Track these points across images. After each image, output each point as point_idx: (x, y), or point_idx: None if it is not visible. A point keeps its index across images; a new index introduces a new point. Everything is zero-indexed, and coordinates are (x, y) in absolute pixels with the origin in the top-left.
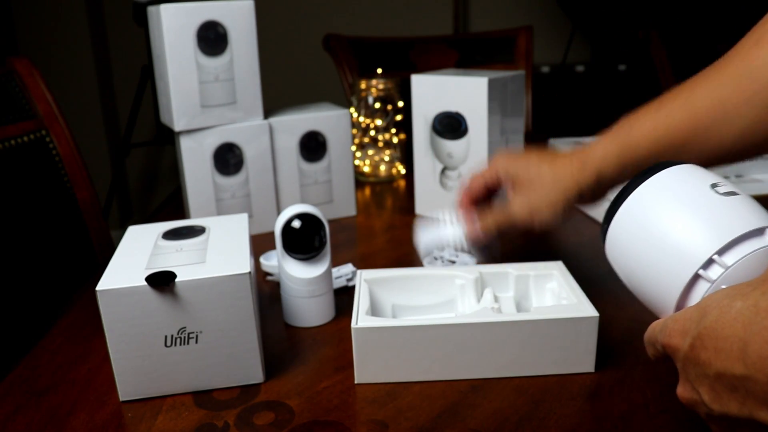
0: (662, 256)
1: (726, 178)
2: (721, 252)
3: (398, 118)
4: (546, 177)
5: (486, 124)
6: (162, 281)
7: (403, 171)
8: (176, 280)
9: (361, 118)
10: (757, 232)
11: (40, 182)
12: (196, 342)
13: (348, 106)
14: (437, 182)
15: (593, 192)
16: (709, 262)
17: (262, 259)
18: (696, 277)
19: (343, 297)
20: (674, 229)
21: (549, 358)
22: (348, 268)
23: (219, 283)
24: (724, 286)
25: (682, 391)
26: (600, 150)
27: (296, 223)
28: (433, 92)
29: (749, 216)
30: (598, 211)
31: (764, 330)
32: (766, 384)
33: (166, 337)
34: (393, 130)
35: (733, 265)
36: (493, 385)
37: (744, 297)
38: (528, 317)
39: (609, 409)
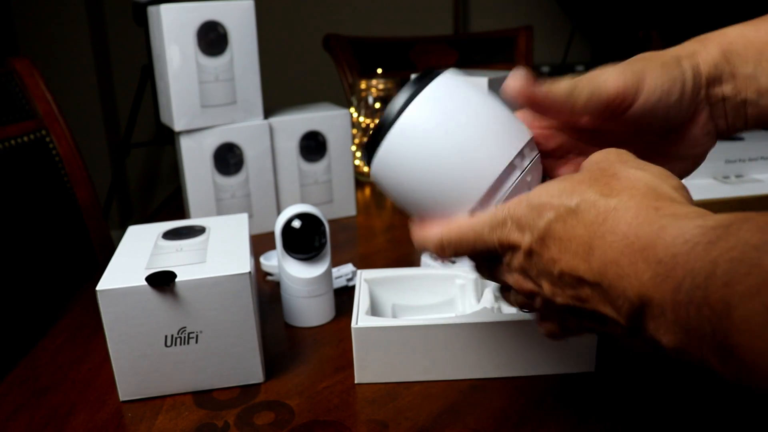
0: (468, 153)
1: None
2: (530, 145)
3: None
4: (651, 53)
5: None
6: (162, 281)
7: None
8: (176, 280)
9: (361, 118)
10: None
11: (40, 182)
12: (196, 342)
13: (348, 106)
14: None
15: (716, 82)
16: (521, 154)
17: (262, 259)
18: (510, 168)
19: (343, 297)
20: (480, 125)
21: (549, 357)
22: (348, 268)
23: (219, 283)
24: (529, 178)
25: (521, 281)
26: (736, 30)
27: (296, 223)
28: None
29: None
30: None
31: (607, 233)
32: (610, 287)
33: (166, 336)
34: None
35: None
36: (494, 384)
37: (581, 196)
38: (528, 317)
39: (609, 408)
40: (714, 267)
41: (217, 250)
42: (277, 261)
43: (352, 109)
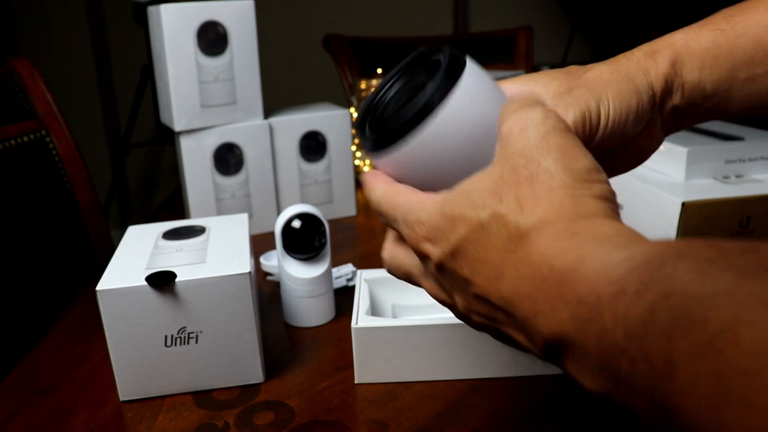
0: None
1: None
2: None
3: None
4: (600, 68)
5: None
6: (162, 281)
7: None
8: (176, 280)
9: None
10: None
11: (40, 182)
12: (196, 342)
13: (348, 106)
14: None
15: (668, 94)
16: None
17: (262, 259)
18: None
19: (343, 297)
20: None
21: None
22: (348, 268)
23: (219, 283)
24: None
25: (435, 291)
26: (680, 35)
27: (296, 223)
28: None
29: None
30: None
31: (519, 262)
32: (524, 321)
33: (166, 337)
34: None
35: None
36: (493, 384)
37: (493, 209)
38: None
39: (609, 408)
40: (651, 315)
41: (217, 250)
42: (277, 261)
43: (352, 109)
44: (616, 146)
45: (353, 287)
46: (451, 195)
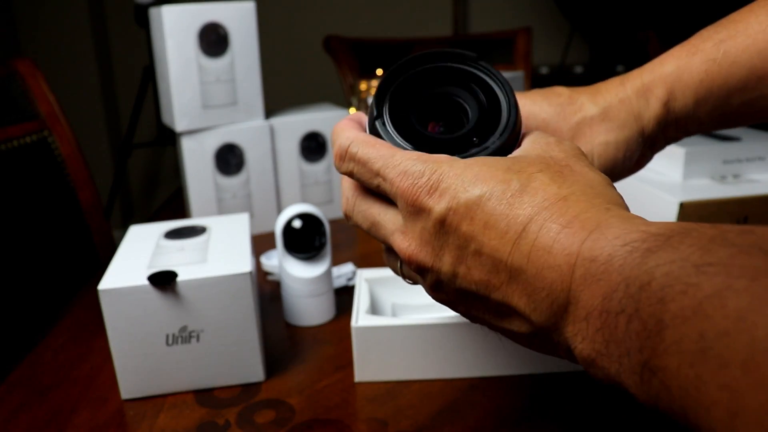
0: None
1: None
2: None
3: None
4: (590, 113)
5: None
6: (163, 280)
7: None
8: (178, 279)
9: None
10: None
11: (42, 182)
12: (198, 341)
13: (348, 107)
14: None
15: (662, 131)
16: None
17: (262, 259)
18: None
19: (344, 296)
20: None
21: (548, 355)
22: (348, 268)
23: (220, 282)
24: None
25: (417, 251)
26: (671, 66)
27: (297, 223)
28: None
29: None
30: None
31: (549, 220)
32: (535, 276)
33: (167, 335)
34: None
35: None
36: (493, 383)
37: (530, 177)
38: None
39: (609, 406)
40: (649, 278)
41: (218, 250)
42: (277, 260)
43: (352, 110)
44: None
45: (353, 286)
46: (483, 159)
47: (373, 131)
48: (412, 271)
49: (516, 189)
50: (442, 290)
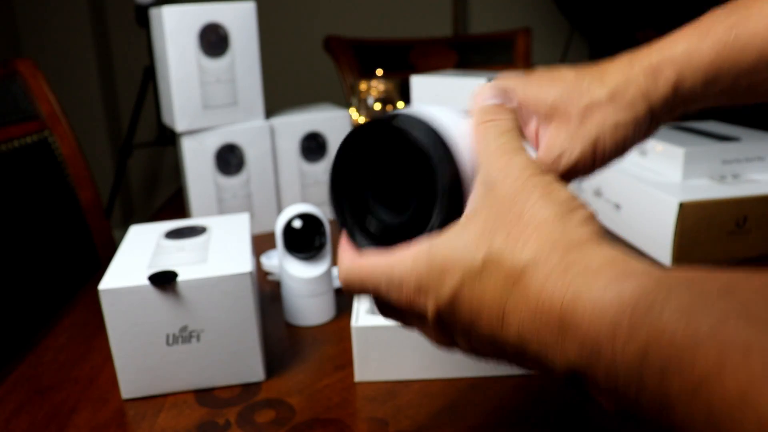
0: None
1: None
2: None
3: None
4: (597, 95)
5: None
6: (164, 280)
7: None
8: (178, 279)
9: (361, 119)
10: None
11: (43, 183)
12: (198, 341)
13: (348, 107)
14: None
15: (669, 111)
16: None
17: (263, 259)
18: None
19: (344, 296)
20: None
21: None
22: None
23: (220, 282)
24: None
25: (437, 339)
26: (681, 47)
27: (297, 223)
28: (433, 93)
29: None
30: (597, 211)
31: (519, 302)
32: (534, 358)
33: (167, 335)
34: None
35: None
36: (493, 382)
37: (486, 248)
38: None
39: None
40: (645, 354)
41: (218, 250)
42: (277, 260)
43: (353, 110)
44: (606, 164)
45: None
46: (436, 244)
47: (351, 238)
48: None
49: (478, 273)
50: (478, 356)
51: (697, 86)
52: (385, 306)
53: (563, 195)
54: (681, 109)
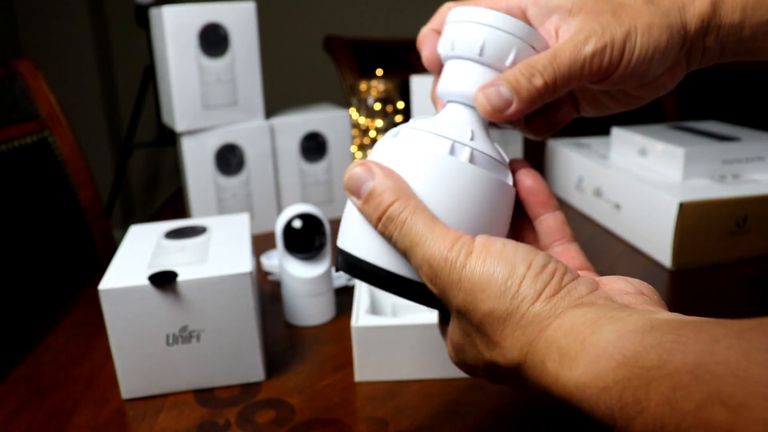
0: None
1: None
2: None
3: (398, 119)
4: (638, 2)
5: None
6: (164, 280)
7: None
8: (178, 279)
9: (361, 119)
10: None
11: (43, 182)
12: (198, 341)
13: (348, 107)
14: None
15: (703, 37)
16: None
17: (263, 259)
18: None
19: (344, 296)
20: None
21: None
22: None
23: (220, 282)
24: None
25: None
26: None
27: (297, 223)
28: None
29: None
30: (597, 212)
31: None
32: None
33: (167, 335)
34: None
35: None
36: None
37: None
38: None
39: None
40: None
41: (218, 250)
42: (277, 260)
43: (352, 110)
44: (633, 84)
45: (353, 286)
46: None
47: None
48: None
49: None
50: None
51: (735, 11)
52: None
53: (506, 264)
54: (714, 40)
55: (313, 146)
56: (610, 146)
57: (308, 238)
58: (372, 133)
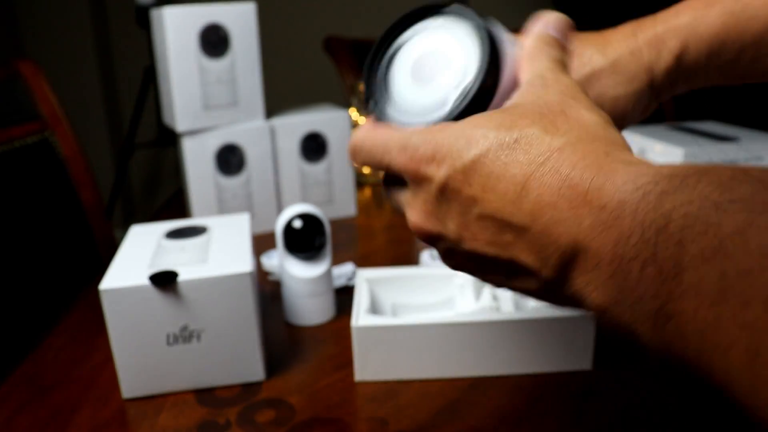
0: None
1: None
2: None
3: None
4: (599, 65)
5: None
6: (165, 280)
7: None
8: (178, 279)
9: (362, 120)
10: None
11: (44, 183)
12: (198, 340)
13: (348, 107)
14: None
15: (670, 85)
16: None
17: (263, 259)
18: None
19: (344, 296)
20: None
21: (547, 355)
22: (348, 268)
23: (221, 282)
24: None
25: (423, 221)
26: (687, 17)
27: (297, 223)
28: None
29: None
30: None
31: (547, 174)
32: (541, 233)
33: (168, 335)
34: None
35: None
36: (492, 382)
37: (521, 131)
38: (526, 316)
39: (606, 406)
40: (666, 222)
41: (218, 250)
42: (278, 260)
43: (352, 110)
44: None
45: (353, 286)
46: (467, 120)
47: (368, 110)
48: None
49: (509, 146)
50: (453, 257)
51: (701, 57)
52: (387, 174)
53: (607, 115)
54: (682, 84)
55: (314, 146)
56: None
57: (308, 238)
58: None
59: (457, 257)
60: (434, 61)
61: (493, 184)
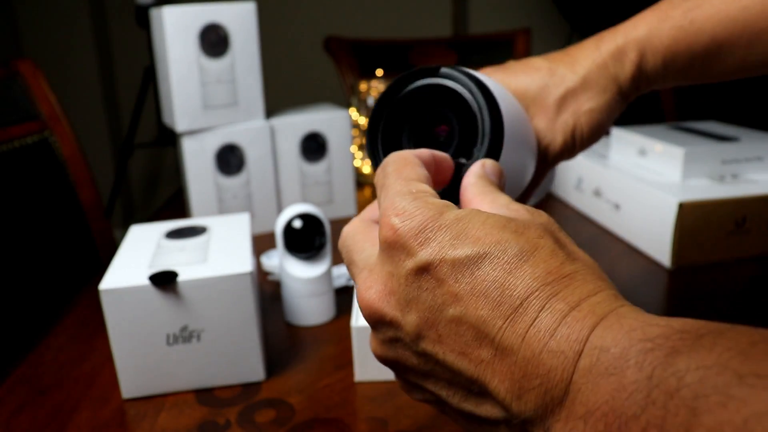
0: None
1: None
2: None
3: None
4: (571, 83)
5: None
6: (164, 280)
7: None
8: (178, 279)
9: (362, 119)
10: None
11: (43, 183)
12: (198, 340)
13: (348, 107)
14: None
15: (636, 89)
16: None
17: (263, 259)
18: None
19: (344, 296)
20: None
21: None
22: None
23: (221, 282)
24: None
25: (378, 298)
26: (642, 29)
27: (297, 223)
28: None
29: None
30: (596, 212)
31: (554, 299)
32: (528, 360)
33: (168, 335)
34: None
35: None
36: None
37: (523, 240)
38: None
39: None
40: (678, 384)
41: (218, 250)
42: (278, 260)
43: (353, 110)
44: (587, 147)
45: (353, 286)
46: (479, 212)
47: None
48: (365, 318)
49: (514, 254)
50: (394, 350)
51: (657, 67)
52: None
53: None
54: (645, 88)
55: (314, 146)
56: (609, 146)
57: (308, 238)
58: None
59: (400, 354)
60: (435, 124)
61: (485, 290)
